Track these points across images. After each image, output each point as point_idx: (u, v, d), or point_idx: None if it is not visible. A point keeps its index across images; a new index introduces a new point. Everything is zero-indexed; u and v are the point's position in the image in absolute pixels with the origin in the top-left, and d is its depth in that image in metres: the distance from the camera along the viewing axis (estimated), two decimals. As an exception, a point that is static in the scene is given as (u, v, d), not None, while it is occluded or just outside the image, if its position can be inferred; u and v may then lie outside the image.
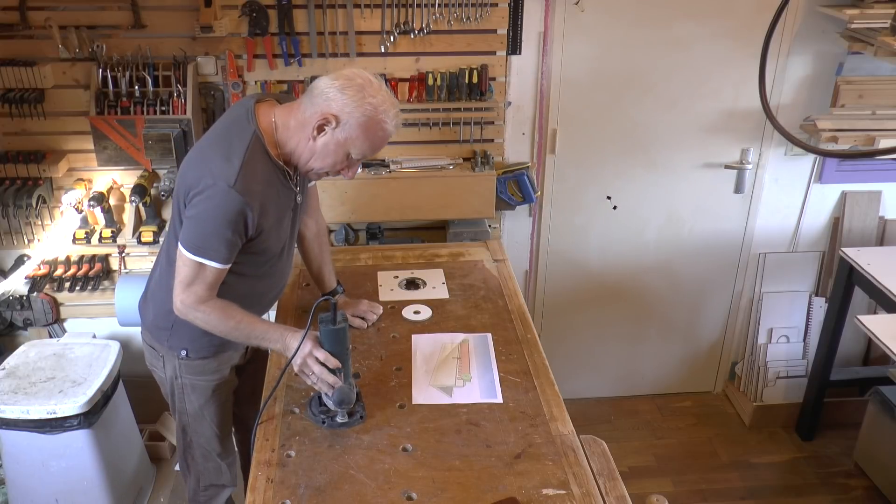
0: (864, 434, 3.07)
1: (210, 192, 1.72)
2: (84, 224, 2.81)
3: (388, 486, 1.61)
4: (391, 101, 1.76)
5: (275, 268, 2.01)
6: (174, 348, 2.02)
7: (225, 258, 1.77)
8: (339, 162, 1.81)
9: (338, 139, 1.75)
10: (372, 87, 1.73)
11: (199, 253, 1.75)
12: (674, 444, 3.29)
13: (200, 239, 1.75)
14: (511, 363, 2.01)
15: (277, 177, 1.84)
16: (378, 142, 1.79)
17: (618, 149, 3.03)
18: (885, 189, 3.18)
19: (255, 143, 1.78)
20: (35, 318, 2.98)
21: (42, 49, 2.60)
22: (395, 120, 1.77)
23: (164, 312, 1.95)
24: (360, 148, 1.78)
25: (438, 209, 2.87)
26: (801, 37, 2.86)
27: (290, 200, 1.93)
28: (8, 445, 2.58)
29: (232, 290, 1.86)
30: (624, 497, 1.62)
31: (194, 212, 1.75)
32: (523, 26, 2.73)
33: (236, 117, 1.85)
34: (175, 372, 2.06)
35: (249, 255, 1.86)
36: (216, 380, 2.07)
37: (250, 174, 1.74)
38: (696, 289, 3.35)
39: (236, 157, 1.73)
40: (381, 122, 1.74)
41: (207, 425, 2.13)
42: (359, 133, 1.75)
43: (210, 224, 1.74)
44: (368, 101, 1.72)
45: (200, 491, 2.27)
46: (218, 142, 1.82)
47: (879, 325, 2.53)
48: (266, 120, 1.82)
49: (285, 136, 1.81)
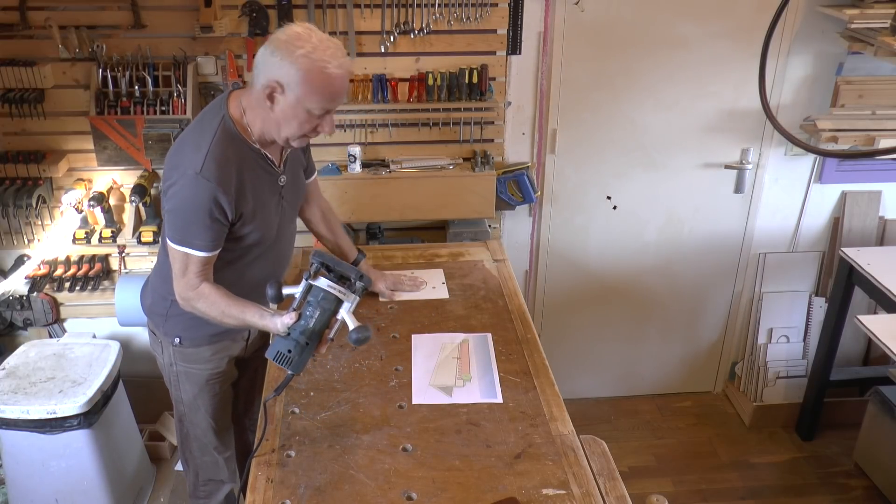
0: (864, 434, 3.07)
1: (181, 182, 1.73)
2: (84, 224, 2.81)
3: (388, 486, 1.61)
4: (326, 44, 1.68)
5: (267, 255, 1.99)
6: (168, 335, 2.04)
7: (209, 245, 1.78)
8: (306, 122, 1.74)
9: (290, 101, 1.71)
10: (300, 38, 1.66)
11: (183, 243, 1.77)
12: (674, 444, 3.29)
13: (182, 229, 1.77)
14: (511, 363, 2.01)
15: (255, 160, 1.84)
16: (329, 88, 1.69)
17: (618, 149, 3.03)
18: (885, 189, 3.18)
19: (224, 129, 1.78)
20: (35, 318, 2.98)
21: (42, 49, 2.60)
22: (337, 60, 1.67)
23: (159, 298, 1.99)
24: (315, 101, 1.70)
25: (438, 209, 2.87)
26: (801, 37, 2.86)
27: (273, 184, 1.91)
28: (8, 445, 2.58)
29: (223, 278, 1.86)
30: (624, 497, 1.62)
31: (170, 204, 1.77)
32: (523, 26, 2.73)
33: (209, 108, 1.86)
34: (171, 359, 2.07)
35: (232, 242, 1.86)
36: (210, 369, 2.08)
37: (219, 159, 1.73)
38: (696, 289, 3.36)
39: (204, 145, 1.74)
40: (320, 68, 1.66)
41: (202, 416, 2.14)
42: (304, 88, 1.68)
43: (187, 214, 1.75)
44: (299, 54, 1.65)
45: (200, 485, 2.28)
46: (190, 133, 1.84)
47: (879, 325, 2.53)
48: (235, 106, 1.82)
49: (252, 117, 1.80)
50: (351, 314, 1.70)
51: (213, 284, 1.83)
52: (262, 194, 1.87)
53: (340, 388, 1.92)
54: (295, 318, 1.69)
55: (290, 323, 1.69)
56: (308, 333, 1.69)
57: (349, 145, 2.78)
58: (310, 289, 1.70)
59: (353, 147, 2.77)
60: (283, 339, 1.70)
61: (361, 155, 2.79)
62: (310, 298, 1.70)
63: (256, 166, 1.85)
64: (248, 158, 1.82)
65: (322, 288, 1.68)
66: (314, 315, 1.69)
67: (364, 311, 2.27)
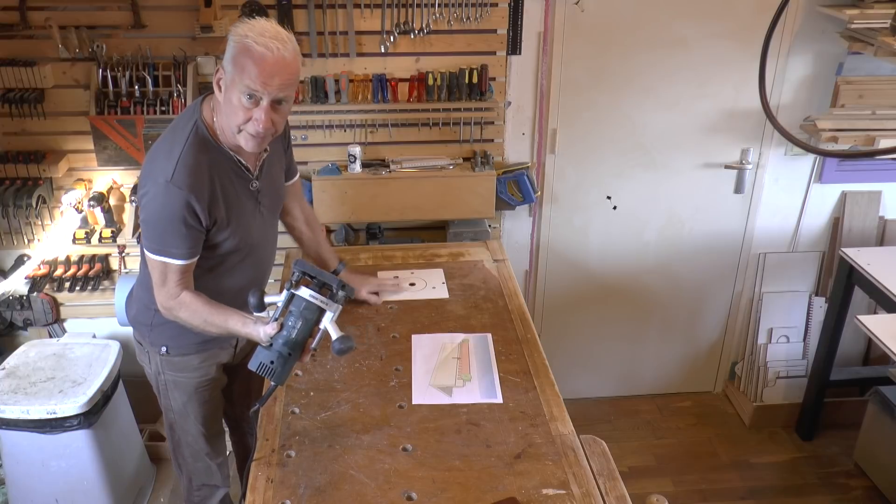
0: (864, 434, 3.07)
1: (153, 191, 1.71)
2: (84, 224, 2.81)
3: (388, 486, 1.61)
4: (264, 26, 1.65)
5: (246, 261, 1.96)
6: (155, 344, 2.02)
7: (186, 253, 1.76)
8: (240, 109, 1.69)
9: (227, 86, 1.69)
10: (244, 24, 1.66)
11: (160, 253, 1.76)
12: (674, 444, 3.29)
13: (157, 239, 1.75)
14: (511, 363, 2.01)
15: (228, 165, 1.81)
16: (251, 64, 1.63)
17: (618, 149, 3.03)
18: (885, 189, 3.18)
19: (195, 135, 1.76)
20: (35, 318, 2.98)
21: (42, 49, 2.60)
22: (262, 38, 1.62)
23: (144, 308, 1.97)
24: (241, 81, 1.65)
25: (438, 209, 2.87)
26: (801, 37, 2.86)
27: (245, 189, 1.88)
28: (8, 445, 2.58)
29: (203, 286, 1.84)
30: (624, 497, 1.62)
31: (144, 214, 1.76)
32: (523, 26, 2.73)
33: (183, 114, 1.85)
34: (158, 368, 2.06)
35: (209, 249, 1.84)
36: (198, 377, 2.06)
37: (190, 166, 1.71)
38: (696, 289, 3.35)
39: (175, 152, 1.72)
40: (245, 46, 1.63)
41: (192, 423, 2.13)
42: (233, 67, 1.66)
43: (162, 223, 1.73)
44: (235, 34, 1.65)
45: (194, 490, 2.27)
46: (163, 141, 1.81)
47: (879, 325, 2.53)
48: (208, 109, 1.79)
49: (218, 119, 1.78)
50: (334, 324, 1.68)
51: (195, 292, 1.81)
52: (237, 200, 1.85)
53: (340, 388, 1.92)
54: (277, 328, 1.67)
55: (273, 333, 1.67)
56: (290, 344, 1.67)
57: (349, 145, 2.78)
58: (292, 298, 1.67)
59: (353, 147, 2.77)
60: (265, 350, 1.68)
61: (361, 155, 2.79)
62: (292, 308, 1.67)
63: (230, 171, 1.82)
64: (221, 163, 1.80)
65: (304, 298, 1.65)
66: (296, 325, 1.66)
67: (364, 310, 2.27)
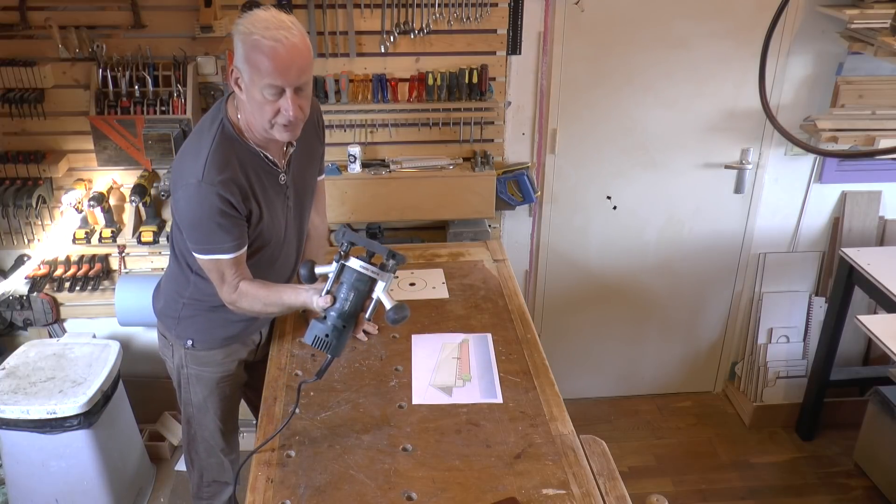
0: (864, 434, 3.07)
1: (185, 194, 1.72)
2: (84, 224, 2.81)
3: (388, 486, 1.60)
4: (265, 17, 1.63)
5: (273, 258, 1.97)
6: (181, 337, 2.04)
7: (233, 245, 1.77)
8: (266, 104, 1.67)
9: (248, 85, 1.68)
10: (245, 19, 1.64)
11: (209, 252, 1.77)
12: (674, 444, 3.29)
13: (202, 240, 1.76)
14: (511, 363, 2.01)
15: (256, 161, 1.82)
16: (264, 60, 1.61)
17: (618, 149, 3.03)
18: (885, 189, 3.18)
19: (222, 133, 1.76)
20: (35, 318, 2.98)
21: (42, 49, 2.60)
22: (268, 31, 1.60)
23: (171, 301, 2.00)
24: (260, 79, 1.63)
25: (438, 209, 2.87)
26: (801, 37, 2.86)
27: (276, 184, 1.88)
28: (8, 445, 2.58)
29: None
30: (624, 497, 1.62)
31: (182, 218, 1.77)
32: (523, 26, 2.73)
33: (208, 114, 1.85)
34: (182, 361, 2.07)
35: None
36: (220, 372, 2.08)
37: (219, 163, 1.72)
38: (696, 289, 3.35)
39: (203, 152, 1.72)
40: (255, 41, 1.60)
41: (211, 418, 2.14)
42: (247, 67, 1.64)
43: (202, 223, 1.74)
44: (240, 32, 1.63)
45: (204, 486, 2.28)
46: (191, 142, 1.82)
47: (879, 325, 2.53)
48: (232, 107, 1.80)
49: (243, 116, 1.78)
50: (387, 293, 1.66)
51: (250, 280, 1.82)
52: (266, 194, 1.86)
53: (340, 388, 1.92)
54: (330, 301, 1.66)
55: (325, 306, 1.66)
56: (345, 316, 1.66)
57: (349, 145, 2.78)
58: (342, 269, 1.66)
59: (353, 147, 2.77)
60: (319, 324, 1.67)
61: (361, 155, 2.79)
62: (343, 280, 1.66)
63: (258, 167, 1.83)
64: (249, 160, 1.80)
65: (355, 269, 1.64)
66: (349, 297, 1.65)
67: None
